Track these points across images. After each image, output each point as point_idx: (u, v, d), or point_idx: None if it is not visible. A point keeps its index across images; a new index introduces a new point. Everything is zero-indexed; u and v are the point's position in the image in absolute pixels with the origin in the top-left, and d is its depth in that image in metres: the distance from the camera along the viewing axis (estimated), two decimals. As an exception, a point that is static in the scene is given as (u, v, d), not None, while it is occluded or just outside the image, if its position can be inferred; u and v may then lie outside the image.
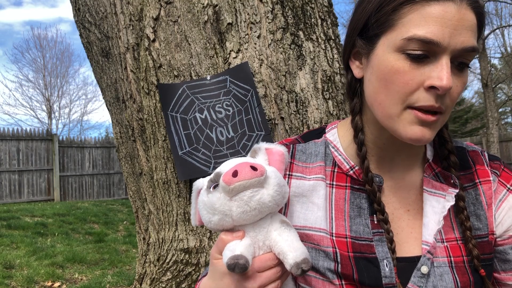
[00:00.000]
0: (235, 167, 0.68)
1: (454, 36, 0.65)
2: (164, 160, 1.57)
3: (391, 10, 0.69)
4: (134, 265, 5.00)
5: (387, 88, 0.70)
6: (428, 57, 0.67)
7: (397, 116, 0.70)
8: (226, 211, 0.68)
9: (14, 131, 10.89)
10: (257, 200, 0.67)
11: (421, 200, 0.80)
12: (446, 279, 0.73)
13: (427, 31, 0.65)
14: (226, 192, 0.67)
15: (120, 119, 1.83)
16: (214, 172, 0.72)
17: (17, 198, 10.69)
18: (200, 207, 0.73)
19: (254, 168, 0.67)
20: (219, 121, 1.48)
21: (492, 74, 13.90)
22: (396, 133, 0.72)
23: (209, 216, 0.70)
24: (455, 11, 0.65)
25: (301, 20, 1.58)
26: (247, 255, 0.66)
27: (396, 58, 0.68)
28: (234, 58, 1.51)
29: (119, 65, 1.75)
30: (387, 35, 0.70)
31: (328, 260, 0.75)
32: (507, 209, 0.79)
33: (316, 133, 0.90)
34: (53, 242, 5.88)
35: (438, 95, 0.67)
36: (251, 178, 0.66)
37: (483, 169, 0.82)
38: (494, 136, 11.28)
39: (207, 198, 0.70)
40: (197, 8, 1.56)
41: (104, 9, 1.75)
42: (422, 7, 0.66)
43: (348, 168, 0.81)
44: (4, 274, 4.30)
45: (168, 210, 1.62)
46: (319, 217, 0.78)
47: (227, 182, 0.66)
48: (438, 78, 0.65)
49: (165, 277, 1.55)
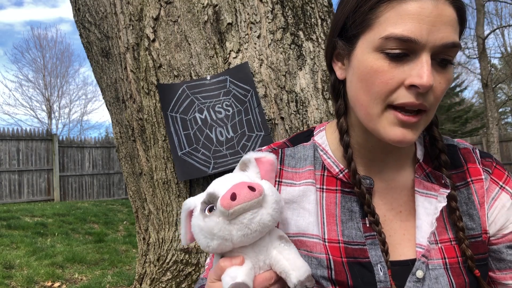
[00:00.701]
0: (233, 189, 0.64)
1: (432, 32, 0.64)
2: (164, 160, 1.57)
3: (368, 9, 0.68)
4: (134, 265, 5.00)
5: (368, 89, 0.69)
6: (408, 55, 0.66)
7: (378, 116, 0.69)
8: (226, 236, 0.65)
9: (14, 131, 10.89)
10: (258, 222, 0.65)
11: (412, 201, 0.79)
12: (441, 282, 0.72)
13: (404, 29, 0.64)
14: (224, 216, 0.64)
15: (120, 119, 1.82)
16: (207, 192, 0.68)
17: (17, 198, 10.69)
18: (196, 231, 0.69)
19: (252, 188, 0.64)
20: (218, 121, 1.48)
21: (492, 74, 13.89)
22: (378, 134, 0.71)
23: (207, 241, 0.67)
24: (432, 7, 0.64)
25: (301, 20, 1.58)
26: (249, 282, 0.64)
27: (375, 58, 0.67)
28: (234, 58, 1.51)
29: (119, 65, 1.75)
30: (365, 35, 0.69)
31: (321, 268, 0.74)
32: (500, 208, 0.78)
33: (304, 136, 0.88)
34: (53, 242, 5.88)
35: (419, 93, 0.65)
36: (251, 200, 0.63)
37: (475, 167, 0.81)
38: (494, 136, 11.27)
39: (204, 223, 0.66)
40: (197, 8, 1.56)
41: (104, 9, 1.75)
42: (399, 5, 0.65)
43: (338, 171, 0.80)
44: (4, 274, 4.30)
45: (168, 210, 1.62)
46: (311, 222, 0.77)
47: (226, 207, 0.63)
48: (418, 76, 0.64)
49: (165, 277, 1.55)
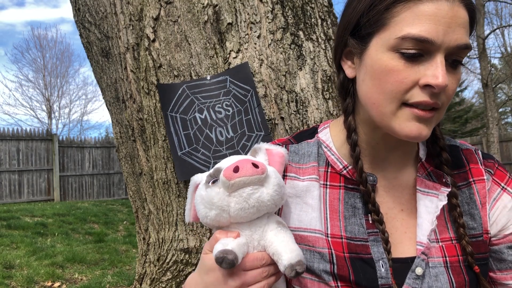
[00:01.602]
0: (237, 162, 0.67)
1: (447, 33, 0.65)
2: (164, 160, 1.57)
3: (384, 8, 0.68)
4: (134, 265, 5.00)
5: (382, 87, 0.70)
6: (423, 55, 0.66)
7: (392, 114, 0.70)
8: (224, 207, 0.67)
9: (14, 131, 10.89)
10: (256, 198, 0.66)
11: (414, 199, 0.80)
12: (441, 280, 0.72)
13: (421, 29, 0.64)
14: (225, 187, 0.66)
15: (120, 119, 1.82)
16: (214, 167, 0.71)
17: (17, 198, 10.69)
18: (197, 201, 0.71)
19: (256, 165, 0.66)
20: (218, 121, 1.48)
21: (492, 74, 13.89)
22: (393, 131, 0.71)
23: (205, 211, 0.69)
24: (448, 8, 0.64)
25: (301, 20, 1.58)
26: (238, 252, 0.65)
27: (390, 57, 0.68)
28: (234, 58, 1.51)
29: (119, 65, 1.75)
30: (380, 34, 0.70)
31: (323, 262, 0.74)
32: (501, 208, 0.78)
33: (308, 133, 0.89)
34: (53, 242, 5.88)
35: (433, 92, 0.66)
36: (252, 175, 0.65)
37: (477, 168, 0.82)
38: (494, 136, 11.27)
39: (206, 192, 0.69)
40: (197, 8, 1.56)
41: (104, 9, 1.75)
42: (415, 5, 0.65)
43: (342, 167, 0.81)
44: (4, 274, 4.30)
45: (168, 210, 1.62)
46: (314, 218, 0.77)
47: (228, 177, 0.65)
48: (434, 76, 0.65)
49: (165, 277, 1.55)
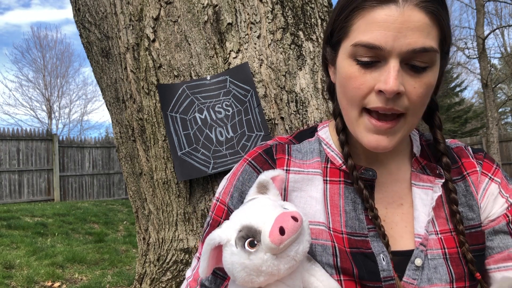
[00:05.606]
0: (279, 222, 0.62)
1: (398, 39, 0.66)
2: (164, 160, 1.57)
3: (345, 17, 0.72)
4: (134, 265, 5.00)
5: (345, 93, 0.74)
6: (379, 61, 0.68)
7: (356, 120, 0.74)
8: (273, 271, 0.63)
9: (14, 131, 10.89)
10: (302, 252, 0.64)
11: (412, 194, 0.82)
12: (440, 271, 0.74)
13: (370, 36, 0.67)
14: (274, 252, 0.62)
15: (120, 119, 1.83)
16: (242, 225, 0.65)
17: (17, 198, 10.69)
18: (237, 268, 0.64)
19: (295, 218, 0.62)
20: (218, 121, 1.48)
21: (492, 74, 13.89)
22: (357, 138, 0.75)
23: (251, 278, 0.63)
24: (398, 14, 0.66)
25: (301, 20, 1.58)
26: None
27: (349, 64, 0.71)
28: (234, 58, 1.51)
29: (119, 65, 1.75)
30: (343, 42, 0.73)
31: (326, 255, 0.75)
32: (489, 196, 0.81)
33: (308, 132, 0.91)
34: (53, 242, 5.88)
35: (388, 98, 0.68)
36: (297, 231, 0.62)
37: (469, 161, 0.85)
38: (494, 136, 11.26)
39: (249, 260, 0.63)
40: (197, 8, 1.56)
41: (104, 9, 1.75)
42: (368, 14, 0.68)
43: (341, 163, 0.83)
44: (4, 274, 4.30)
45: (168, 210, 1.62)
46: (318, 210, 0.78)
47: (277, 243, 0.60)
48: (384, 82, 0.67)
49: (165, 277, 1.55)
